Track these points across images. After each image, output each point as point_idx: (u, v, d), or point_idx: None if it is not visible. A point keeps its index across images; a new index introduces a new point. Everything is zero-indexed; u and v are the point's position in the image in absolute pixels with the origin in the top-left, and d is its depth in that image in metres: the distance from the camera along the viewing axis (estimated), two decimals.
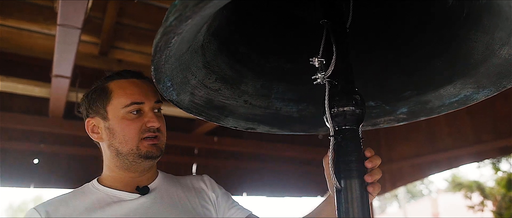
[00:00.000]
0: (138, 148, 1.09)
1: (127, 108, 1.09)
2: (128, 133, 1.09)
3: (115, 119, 1.10)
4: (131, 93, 1.10)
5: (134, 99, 1.10)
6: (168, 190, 1.18)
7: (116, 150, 1.11)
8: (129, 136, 1.09)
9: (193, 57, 0.90)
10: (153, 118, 1.10)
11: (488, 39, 0.91)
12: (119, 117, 1.09)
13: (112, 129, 1.10)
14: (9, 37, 2.83)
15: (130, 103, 1.09)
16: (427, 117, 1.16)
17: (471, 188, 9.38)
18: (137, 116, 1.10)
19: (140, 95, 1.10)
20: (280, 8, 1.15)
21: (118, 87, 1.11)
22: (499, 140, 3.53)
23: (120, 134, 1.09)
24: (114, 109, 1.10)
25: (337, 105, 0.87)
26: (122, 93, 1.10)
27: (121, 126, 1.09)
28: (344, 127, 0.88)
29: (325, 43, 0.95)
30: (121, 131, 1.09)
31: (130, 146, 1.09)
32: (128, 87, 1.11)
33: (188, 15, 0.60)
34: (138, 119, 1.10)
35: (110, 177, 1.15)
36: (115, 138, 1.10)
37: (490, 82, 1.00)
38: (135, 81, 1.13)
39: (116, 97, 1.10)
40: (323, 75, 0.90)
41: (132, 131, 1.09)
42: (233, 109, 1.11)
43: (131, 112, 1.09)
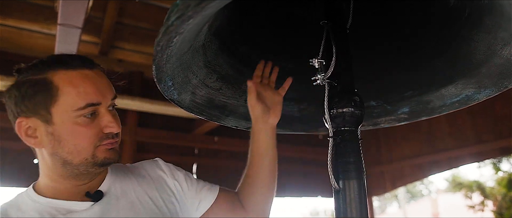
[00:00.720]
0: (94, 156, 0.89)
1: (80, 111, 0.86)
2: (81, 142, 0.87)
3: (63, 124, 0.86)
4: (85, 92, 0.86)
5: (90, 99, 0.87)
6: (123, 188, 1.00)
7: (63, 160, 0.89)
8: (82, 146, 0.87)
9: (194, 57, 0.89)
10: (111, 122, 0.89)
11: (490, 39, 0.91)
12: (68, 122, 0.86)
13: (58, 136, 0.87)
14: (9, 36, 2.83)
15: (85, 105, 0.86)
16: (428, 117, 1.16)
17: (472, 188, 9.39)
18: (91, 120, 0.88)
19: (96, 93, 0.88)
20: (281, 8, 1.15)
21: (67, 83, 0.86)
22: (500, 140, 3.53)
23: (70, 142, 0.87)
24: (61, 111, 0.86)
25: (336, 106, 0.87)
26: (73, 92, 0.86)
27: (72, 134, 0.87)
28: (343, 128, 0.88)
29: (325, 44, 0.95)
30: (72, 139, 0.87)
31: (83, 156, 0.88)
32: (80, 84, 0.87)
33: (189, 15, 0.60)
34: (93, 123, 0.88)
35: (51, 187, 0.93)
36: (63, 146, 0.87)
37: (491, 82, 1.00)
38: (87, 74, 0.89)
39: (64, 97, 0.86)
40: (323, 76, 0.90)
41: (86, 140, 0.88)
42: (234, 108, 1.11)
43: (85, 115, 0.87)
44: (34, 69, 0.89)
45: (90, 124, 0.88)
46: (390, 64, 1.14)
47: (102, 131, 0.89)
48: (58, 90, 0.86)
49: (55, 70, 0.88)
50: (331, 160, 0.86)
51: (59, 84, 0.86)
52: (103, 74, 0.94)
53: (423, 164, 4.32)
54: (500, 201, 8.09)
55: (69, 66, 0.88)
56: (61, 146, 0.88)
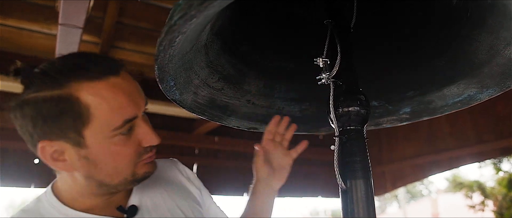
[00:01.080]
0: (134, 173, 0.80)
1: (117, 131, 0.74)
2: (121, 163, 0.77)
3: (99, 146, 0.75)
4: (120, 107, 0.74)
5: (127, 114, 0.75)
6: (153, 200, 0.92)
7: (100, 182, 0.79)
8: (122, 167, 0.78)
9: (196, 57, 0.89)
10: (149, 134, 0.79)
11: (493, 39, 0.91)
12: (105, 143, 0.75)
13: (93, 160, 0.76)
14: (9, 36, 2.83)
15: (122, 123, 0.74)
16: (430, 117, 1.16)
17: (472, 188, 9.39)
18: (128, 136, 0.77)
19: (131, 106, 0.76)
20: (282, 8, 1.15)
21: (97, 99, 0.72)
22: (500, 140, 3.53)
23: (109, 165, 0.77)
24: (96, 133, 0.74)
25: (341, 106, 0.87)
26: (107, 110, 0.73)
27: (111, 156, 0.76)
28: (348, 128, 0.88)
29: (329, 43, 0.95)
30: (112, 162, 0.76)
31: (122, 176, 0.79)
32: (112, 97, 0.73)
33: (192, 14, 0.60)
34: (131, 139, 0.78)
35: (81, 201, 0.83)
36: (100, 170, 0.77)
37: (494, 82, 1.00)
38: (116, 82, 0.75)
39: (98, 117, 0.73)
40: (328, 75, 0.90)
41: (127, 160, 0.78)
42: (236, 108, 1.11)
43: (122, 133, 0.76)
44: (50, 80, 0.73)
45: (128, 142, 0.77)
46: (391, 64, 1.14)
47: (140, 145, 0.79)
48: (89, 110, 0.72)
49: (78, 82, 0.72)
50: (337, 159, 0.86)
51: (88, 102, 0.72)
52: (130, 77, 0.80)
53: (424, 164, 4.32)
54: (501, 201, 8.09)
55: (94, 76, 0.73)
56: (97, 169, 0.76)
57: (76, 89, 0.72)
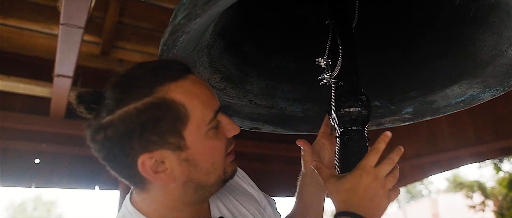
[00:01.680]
0: (225, 171, 0.78)
1: (211, 123, 0.73)
2: (217, 158, 0.76)
3: (199, 144, 0.73)
4: (208, 99, 0.74)
5: (215, 106, 0.75)
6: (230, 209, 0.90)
7: (198, 184, 0.76)
8: (219, 161, 0.77)
9: (199, 56, 0.89)
10: (232, 123, 0.78)
11: (496, 39, 0.91)
12: (203, 140, 0.73)
13: (194, 160, 0.74)
14: (10, 36, 2.82)
15: (214, 114, 0.74)
16: (432, 117, 1.16)
17: (472, 188, 9.39)
18: (217, 129, 0.76)
19: (214, 97, 0.76)
20: (285, 8, 1.14)
21: (189, 97, 0.71)
22: (500, 140, 3.52)
23: (208, 162, 0.75)
24: (195, 131, 0.72)
25: (343, 106, 0.87)
26: (199, 104, 0.72)
27: (210, 151, 0.75)
28: (350, 128, 0.88)
29: (331, 44, 0.94)
30: (210, 157, 0.75)
31: (217, 173, 0.77)
32: (199, 92, 0.73)
33: (197, 14, 0.60)
34: (219, 132, 0.76)
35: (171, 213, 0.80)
36: (200, 169, 0.75)
37: (497, 82, 1.00)
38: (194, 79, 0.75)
39: (195, 113, 0.71)
40: (329, 75, 0.90)
41: (221, 153, 0.77)
42: (238, 108, 1.11)
43: (214, 127, 0.75)
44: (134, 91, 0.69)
45: (219, 134, 0.76)
46: (394, 64, 1.14)
47: (225, 136, 0.77)
48: (185, 108, 0.70)
49: (165, 85, 0.70)
50: (338, 159, 0.86)
51: (183, 100, 0.70)
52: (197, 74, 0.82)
53: (424, 164, 4.32)
54: (501, 201, 8.09)
55: (177, 75, 0.72)
56: (197, 169, 0.75)
57: (167, 92, 0.69)
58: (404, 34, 1.12)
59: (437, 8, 1.02)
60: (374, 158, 0.79)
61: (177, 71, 0.72)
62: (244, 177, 1.02)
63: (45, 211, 25.63)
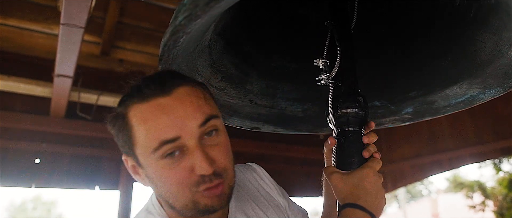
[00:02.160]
0: (195, 201, 0.72)
1: (156, 153, 0.69)
2: (172, 188, 0.72)
3: (149, 168, 0.73)
4: (156, 128, 0.69)
5: (163, 136, 0.69)
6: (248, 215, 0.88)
7: (167, 203, 0.77)
8: (175, 192, 0.72)
9: (199, 57, 0.89)
10: (202, 160, 0.69)
11: (496, 39, 0.91)
12: (152, 165, 0.72)
13: (151, 179, 0.74)
14: (10, 36, 2.83)
15: (158, 145, 0.69)
16: (432, 117, 1.16)
17: (472, 188, 9.39)
18: (177, 160, 0.70)
19: (170, 126, 0.69)
20: (286, 8, 1.15)
21: (138, 120, 0.71)
22: (500, 140, 3.52)
23: (162, 188, 0.74)
24: (143, 155, 0.72)
25: (340, 107, 0.87)
26: (143, 131, 0.70)
27: (160, 179, 0.73)
28: (347, 129, 0.88)
29: (329, 45, 0.95)
30: (162, 185, 0.73)
31: (182, 202, 0.73)
32: (150, 118, 0.70)
33: (198, 14, 0.60)
34: (181, 165, 0.70)
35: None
36: (160, 190, 0.75)
37: (496, 83, 1.00)
38: (160, 102, 0.70)
39: (138, 136, 0.71)
40: (327, 76, 0.90)
41: (176, 185, 0.71)
42: (238, 108, 1.11)
43: (165, 156, 0.70)
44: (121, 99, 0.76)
45: (176, 167, 0.70)
46: (394, 64, 1.14)
47: (193, 172, 0.70)
48: (132, 130, 0.71)
49: (131, 103, 0.73)
50: (335, 160, 0.87)
51: (132, 123, 0.71)
52: (186, 95, 0.72)
53: (424, 165, 4.32)
54: (501, 201, 8.09)
55: (143, 97, 0.71)
56: (158, 189, 0.75)
57: (128, 110, 0.73)
58: (404, 34, 1.12)
59: (437, 8, 1.02)
60: (380, 162, 0.86)
61: (147, 93, 0.71)
62: (270, 181, 1.01)
63: (45, 211, 25.62)
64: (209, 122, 0.72)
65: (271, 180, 1.02)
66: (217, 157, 0.73)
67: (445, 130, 4.05)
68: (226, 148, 0.77)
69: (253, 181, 0.98)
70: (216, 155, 0.73)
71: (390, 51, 1.14)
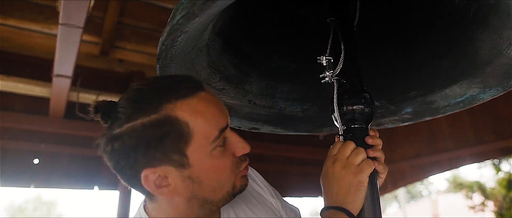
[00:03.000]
0: (234, 186, 0.78)
1: (216, 142, 0.73)
2: (223, 176, 0.76)
3: (202, 163, 0.74)
4: (214, 117, 0.73)
5: (221, 124, 0.73)
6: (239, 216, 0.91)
7: (203, 200, 0.77)
8: (225, 179, 0.76)
9: (198, 56, 0.89)
10: (240, 142, 0.77)
11: (495, 39, 0.91)
12: (207, 159, 0.74)
13: (197, 178, 0.74)
14: (9, 36, 2.82)
15: (218, 133, 0.73)
16: (432, 117, 1.15)
17: (472, 188, 9.40)
18: (225, 148, 0.75)
19: (222, 115, 0.75)
20: (285, 7, 1.14)
21: (194, 115, 0.72)
22: (500, 140, 3.52)
23: (213, 180, 0.75)
24: (198, 150, 0.72)
25: (346, 104, 0.86)
26: (204, 123, 0.72)
27: (214, 170, 0.75)
28: (353, 126, 0.87)
29: (332, 42, 0.94)
30: (215, 176, 0.75)
31: (225, 190, 0.77)
32: (206, 110, 0.73)
33: (195, 13, 0.59)
34: (227, 150, 0.76)
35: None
36: (204, 187, 0.76)
37: (496, 82, 1.00)
38: (204, 96, 0.75)
39: (198, 132, 0.71)
40: (331, 73, 0.89)
41: (228, 172, 0.76)
42: (237, 108, 1.11)
43: (219, 146, 0.74)
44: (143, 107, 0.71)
45: (226, 153, 0.75)
46: (394, 64, 1.14)
47: (234, 155, 0.76)
48: (188, 127, 0.71)
49: (172, 103, 0.71)
50: None
51: (186, 119, 0.71)
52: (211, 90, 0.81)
53: (424, 165, 4.32)
54: (501, 202, 8.09)
55: (185, 94, 0.72)
56: (202, 187, 0.75)
57: (172, 110, 0.70)
58: (404, 34, 1.11)
59: (437, 8, 1.01)
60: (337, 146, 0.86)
61: (186, 89, 0.73)
62: (262, 183, 1.01)
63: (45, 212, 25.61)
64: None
65: (263, 181, 1.02)
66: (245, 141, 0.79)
67: (445, 130, 4.05)
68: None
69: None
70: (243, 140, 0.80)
71: (390, 51, 1.14)
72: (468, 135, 3.83)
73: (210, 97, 0.75)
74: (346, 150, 0.84)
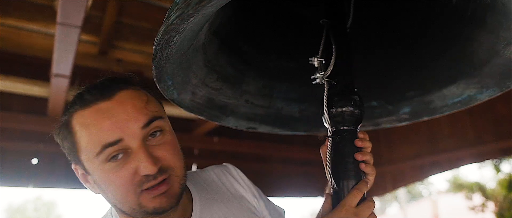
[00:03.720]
0: (141, 205, 0.72)
1: (99, 157, 0.70)
2: (117, 192, 0.72)
3: (95, 173, 0.73)
4: (98, 132, 0.70)
5: (105, 139, 0.70)
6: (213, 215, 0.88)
7: (116, 207, 0.78)
8: (121, 195, 0.72)
9: (194, 56, 0.89)
10: (145, 160, 0.70)
11: (493, 39, 0.90)
12: (97, 170, 0.72)
13: (99, 185, 0.75)
14: (7, 36, 2.82)
15: (101, 148, 0.70)
16: (429, 117, 1.15)
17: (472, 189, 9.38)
18: (121, 163, 0.71)
19: (112, 129, 0.70)
20: (282, 7, 1.14)
21: (80, 126, 0.72)
22: (500, 141, 3.52)
23: (108, 192, 0.74)
24: (87, 160, 0.73)
25: (335, 106, 0.86)
26: (86, 135, 0.71)
27: (106, 183, 0.73)
28: (342, 128, 0.87)
29: (324, 43, 0.94)
30: (108, 189, 0.73)
31: (128, 205, 0.73)
32: (91, 123, 0.71)
33: (190, 14, 0.59)
34: (125, 166, 0.71)
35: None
36: (107, 195, 0.76)
37: (494, 82, 0.99)
38: (101, 107, 0.72)
39: (82, 142, 0.72)
40: (322, 75, 0.89)
41: (122, 188, 0.71)
42: (234, 108, 1.10)
43: (108, 160, 0.70)
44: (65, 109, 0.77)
45: (120, 169, 0.70)
46: (391, 64, 1.14)
47: (137, 172, 0.71)
48: (75, 136, 0.73)
49: (75, 111, 0.74)
50: (330, 159, 0.86)
51: (75, 130, 0.73)
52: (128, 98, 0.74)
53: (424, 165, 4.31)
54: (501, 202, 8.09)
55: (85, 104, 0.73)
56: (107, 195, 0.75)
57: (71, 117, 0.74)
58: (401, 34, 1.11)
59: (434, 8, 1.01)
60: (355, 198, 0.79)
61: (88, 98, 0.73)
62: (244, 182, 1.00)
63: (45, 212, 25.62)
64: (152, 123, 0.73)
65: (246, 180, 1.00)
66: (162, 155, 0.73)
67: (445, 130, 4.05)
68: (173, 147, 0.77)
69: (225, 181, 0.97)
70: (162, 154, 0.73)
71: (387, 51, 1.14)
72: (468, 135, 3.83)
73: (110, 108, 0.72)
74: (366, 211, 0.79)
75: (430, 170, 4.34)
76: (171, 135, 0.79)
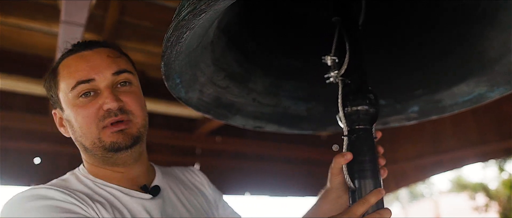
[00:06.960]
0: (101, 139, 0.85)
1: (74, 91, 0.85)
2: (83, 123, 0.85)
3: (68, 108, 0.87)
4: (76, 70, 0.86)
5: (80, 77, 0.84)
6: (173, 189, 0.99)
7: (81, 145, 0.89)
8: (86, 127, 0.85)
9: (202, 54, 0.87)
10: (109, 97, 0.83)
11: (505, 36, 0.89)
12: (70, 105, 0.86)
13: (69, 121, 0.88)
14: (9, 35, 2.81)
15: (75, 83, 0.84)
16: (439, 116, 1.14)
17: (476, 189, 9.37)
18: (90, 99, 0.85)
19: (87, 70, 0.85)
20: (290, 6, 1.12)
21: (63, 67, 0.89)
22: (504, 140, 3.50)
23: (76, 126, 0.86)
24: (63, 95, 0.87)
25: (350, 104, 0.85)
26: (66, 74, 0.87)
27: (75, 117, 0.85)
28: (357, 127, 0.86)
29: (337, 41, 0.93)
30: (76, 122, 0.86)
31: (90, 139, 0.86)
32: (72, 64, 0.87)
33: (202, 9, 0.58)
34: (92, 102, 0.85)
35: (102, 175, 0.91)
36: (75, 131, 0.88)
37: (505, 80, 0.98)
38: (83, 54, 0.88)
39: (62, 80, 0.88)
40: (336, 73, 0.88)
41: (86, 120, 0.84)
42: (241, 107, 1.09)
43: (80, 95, 0.85)
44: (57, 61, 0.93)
45: (88, 104, 0.85)
46: (400, 62, 1.12)
47: (101, 109, 0.84)
48: (58, 76, 0.89)
49: (62, 58, 0.91)
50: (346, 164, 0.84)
51: (60, 69, 0.89)
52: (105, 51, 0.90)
53: (427, 165, 4.29)
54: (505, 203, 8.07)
55: (71, 52, 0.90)
56: (74, 130, 0.88)
57: (59, 64, 0.91)
58: (410, 32, 1.10)
59: (444, 5, 1.00)
60: (361, 208, 0.78)
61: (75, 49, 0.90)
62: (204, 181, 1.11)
63: None
64: (122, 74, 0.89)
65: (208, 182, 1.12)
66: (126, 99, 0.87)
67: (448, 130, 4.03)
68: (137, 97, 0.90)
69: (187, 175, 1.10)
70: (125, 98, 0.87)
71: (396, 49, 1.12)
72: (472, 134, 3.81)
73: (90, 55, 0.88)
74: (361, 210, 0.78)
75: (432, 169, 4.32)
76: (137, 89, 0.93)
